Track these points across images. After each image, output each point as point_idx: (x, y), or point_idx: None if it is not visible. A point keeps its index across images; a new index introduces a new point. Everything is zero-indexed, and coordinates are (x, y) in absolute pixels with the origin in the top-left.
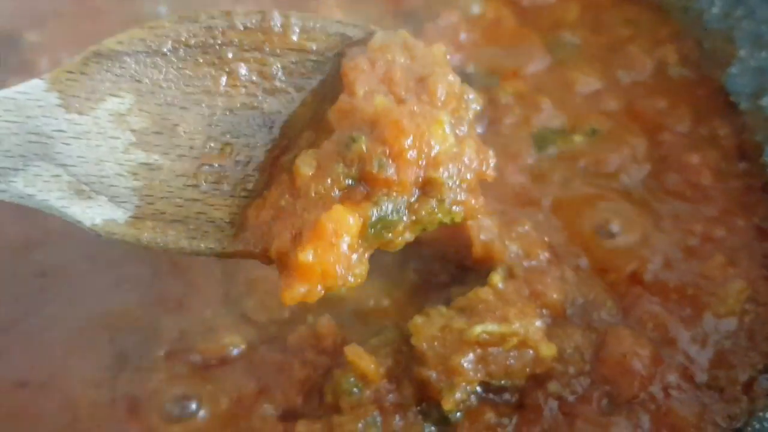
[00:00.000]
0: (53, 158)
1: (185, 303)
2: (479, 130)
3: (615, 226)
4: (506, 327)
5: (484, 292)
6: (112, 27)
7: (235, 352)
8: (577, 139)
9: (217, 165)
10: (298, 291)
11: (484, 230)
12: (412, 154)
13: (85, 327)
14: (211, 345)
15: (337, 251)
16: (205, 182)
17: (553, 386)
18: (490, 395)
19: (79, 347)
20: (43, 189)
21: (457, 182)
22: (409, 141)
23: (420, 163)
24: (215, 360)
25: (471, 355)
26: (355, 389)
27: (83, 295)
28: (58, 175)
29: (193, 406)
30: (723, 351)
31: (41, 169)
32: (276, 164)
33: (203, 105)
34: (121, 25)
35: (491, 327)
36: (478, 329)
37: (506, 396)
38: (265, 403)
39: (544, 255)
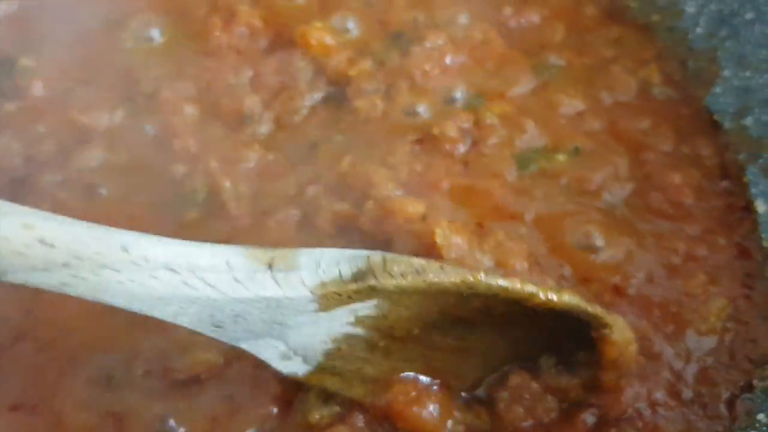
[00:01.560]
0: (283, 337)
1: (164, 323)
2: (462, 149)
3: (598, 242)
4: None
5: None
6: (106, 54)
7: (210, 368)
8: (560, 158)
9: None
10: None
11: (455, 248)
12: None
13: (75, 350)
14: (187, 362)
15: None
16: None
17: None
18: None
19: (69, 370)
20: (259, 351)
21: None
22: None
23: None
24: (192, 377)
25: None
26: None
27: (73, 320)
28: (276, 347)
29: (172, 422)
30: (706, 368)
31: (266, 342)
32: None
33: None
34: (115, 53)
35: None
36: None
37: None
38: (241, 418)
39: (522, 265)
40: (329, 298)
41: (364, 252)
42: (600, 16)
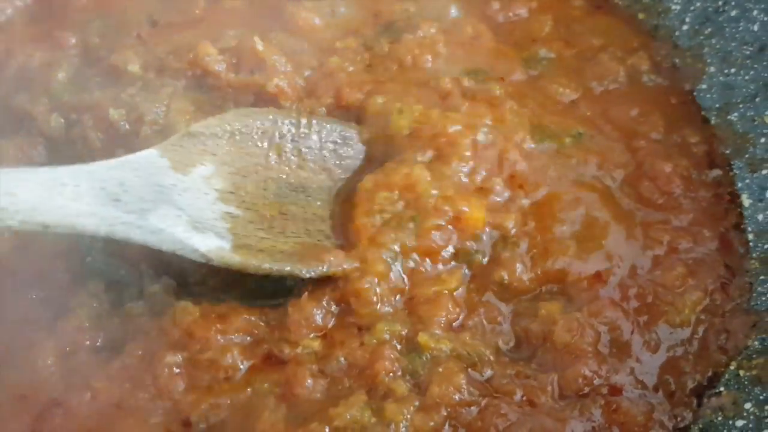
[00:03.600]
0: (174, 203)
1: None
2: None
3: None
4: None
5: None
6: None
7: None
8: (567, 140)
9: (270, 215)
10: None
11: None
12: None
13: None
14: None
15: None
16: (271, 227)
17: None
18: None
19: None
20: (170, 224)
21: None
22: None
23: None
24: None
25: None
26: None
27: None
28: (179, 215)
29: None
30: (675, 357)
31: (167, 210)
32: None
33: (257, 174)
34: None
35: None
36: None
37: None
38: None
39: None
40: (169, 151)
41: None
42: (587, 7)
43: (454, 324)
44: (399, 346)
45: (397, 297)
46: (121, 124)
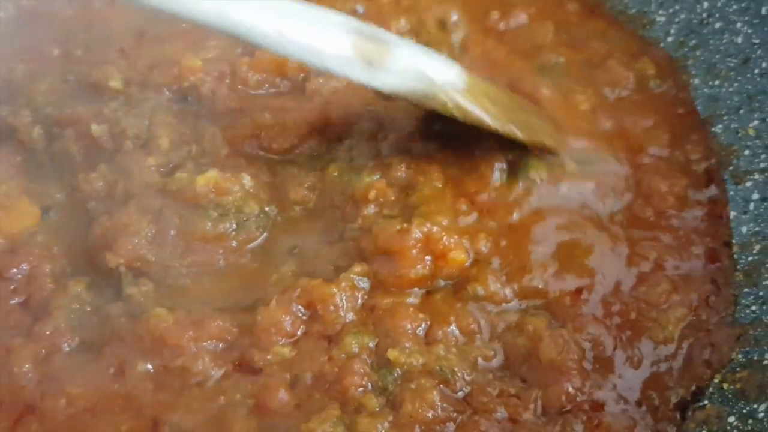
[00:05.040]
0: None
1: None
2: None
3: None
4: None
5: None
6: None
7: None
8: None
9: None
10: None
11: None
12: None
13: None
14: None
15: None
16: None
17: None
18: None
19: None
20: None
21: None
22: None
23: None
24: None
25: None
26: None
27: None
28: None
29: None
30: (659, 373)
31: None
32: None
33: None
34: None
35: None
36: None
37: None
38: None
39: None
40: None
41: None
42: (582, 11)
43: (419, 332)
44: (369, 361)
45: (359, 301)
46: (104, 139)
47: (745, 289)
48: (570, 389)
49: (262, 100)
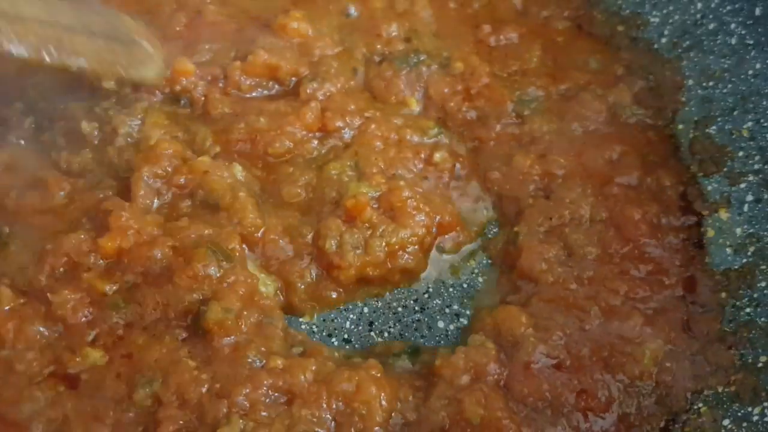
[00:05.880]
0: None
1: None
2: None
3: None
4: None
5: None
6: None
7: None
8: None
9: None
10: None
11: None
12: None
13: None
14: None
15: None
16: None
17: None
18: None
19: None
20: None
21: None
22: None
23: None
24: None
25: None
26: None
27: None
28: None
29: None
30: (632, 411)
31: None
32: None
33: None
34: None
35: None
36: None
37: None
38: None
39: None
40: None
41: None
42: (570, 28)
43: None
44: None
45: None
46: (94, 134)
47: (740, 291)
48: None
49: (257, 104)
